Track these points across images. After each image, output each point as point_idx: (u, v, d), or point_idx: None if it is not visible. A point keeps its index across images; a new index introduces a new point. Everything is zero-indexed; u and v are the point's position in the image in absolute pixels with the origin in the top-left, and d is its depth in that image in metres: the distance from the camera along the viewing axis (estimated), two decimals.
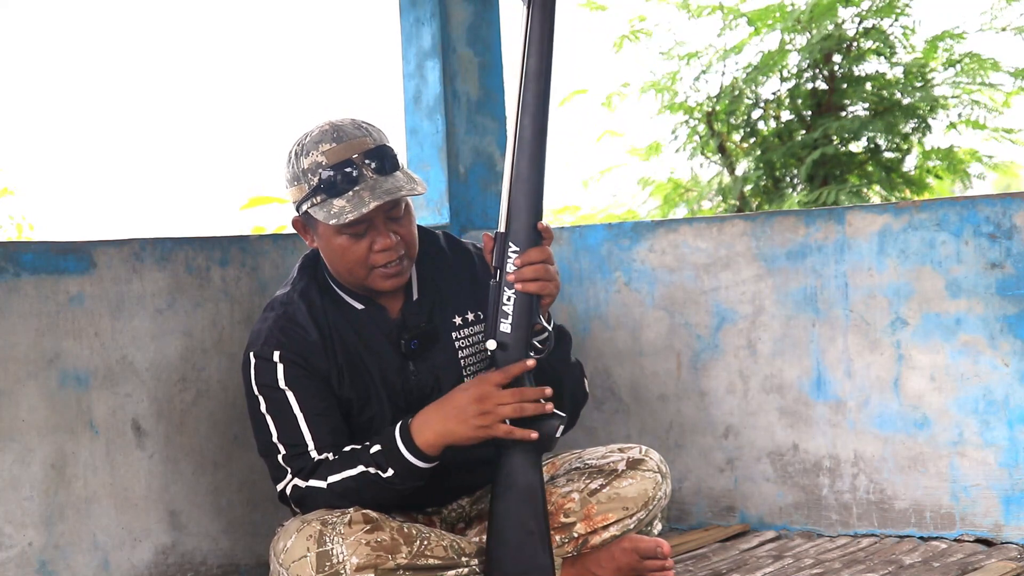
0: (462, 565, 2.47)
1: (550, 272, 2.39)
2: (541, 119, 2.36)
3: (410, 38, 3.69)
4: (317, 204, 2.41)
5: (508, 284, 2.38)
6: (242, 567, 2.94)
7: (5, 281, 2.62)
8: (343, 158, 2.40)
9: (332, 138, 2.42)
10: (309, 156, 2.43)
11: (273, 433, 2.47)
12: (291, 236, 3.12)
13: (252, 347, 2.51)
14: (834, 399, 3.16)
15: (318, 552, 2.35)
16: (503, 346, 2.39)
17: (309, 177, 2.42)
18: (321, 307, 2.53)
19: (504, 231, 2.39)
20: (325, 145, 2.42)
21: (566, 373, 2.54)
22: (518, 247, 2.38)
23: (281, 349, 2.48)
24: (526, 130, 2.36)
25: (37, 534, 2.62)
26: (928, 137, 6.73)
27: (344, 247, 2.45)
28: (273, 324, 2.51)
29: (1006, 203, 2.95)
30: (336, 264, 2.49)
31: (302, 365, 2.48)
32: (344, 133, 2.43)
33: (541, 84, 2.36)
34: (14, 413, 2.60)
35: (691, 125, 6.91)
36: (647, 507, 2.62)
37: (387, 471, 2.40)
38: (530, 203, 2.37)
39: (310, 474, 2.44)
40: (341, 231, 2.43)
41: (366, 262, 2.45)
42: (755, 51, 6.80)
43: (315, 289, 2.55)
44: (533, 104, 2.36)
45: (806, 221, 3.19)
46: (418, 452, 2.39)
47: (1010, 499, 2.95)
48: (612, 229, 3.46)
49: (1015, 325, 2.93)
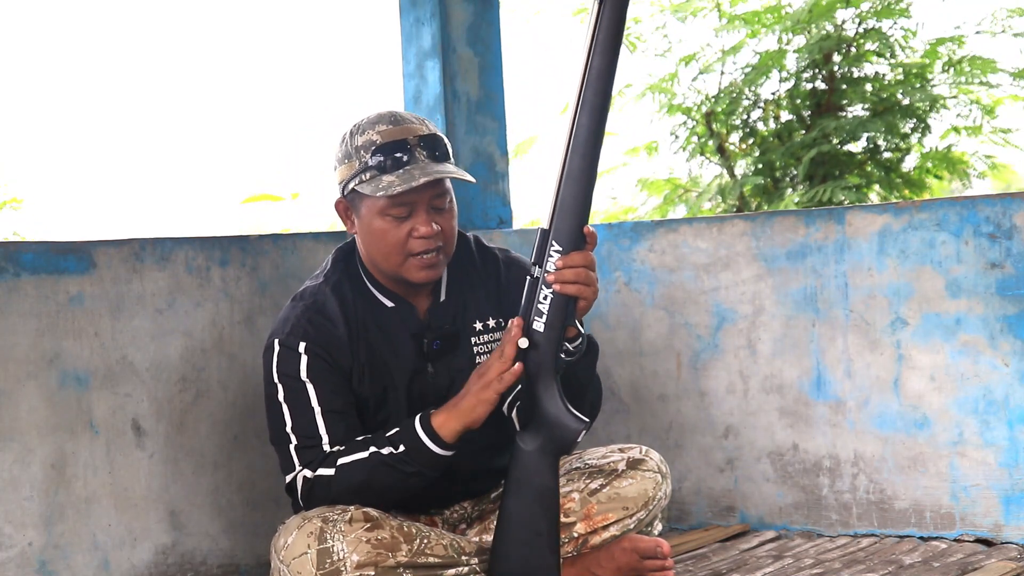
0: (462, 564, 2.47)
1: (591, 277, 2.38)
2: (600, 119, 2.34)
3: (410, 38, 3.69)
4: (366, 180, 2.43)
5: (547, 283, 2.38)
6: (242, 567, 2.94)
7: (5, 281, 2.62)
8: (398, 138, 2.44)
9: (389, 120, 2.47)
10: (364, 135, 2.46)
11: (288, 423, 2.47)
12: (291, 236, 3.12)
13: (278, 334, 2.50)
14: (834, 399, 3.16)
15: (319, 549, 2.35)
16: (535, 344, 2.39)
17: (361, 154, 2.44)
18: (352, 303, 2.53)
19: (548, 228, 2.38)
20: (382, 126, 2.46)
21: (590, 383, 2.55)
22: (561, 246, 2.37)
23: (307, 340, 2.47)
24: (583, 129, 2.34)
25: (37, 534, 2.62)
26: (927, 138, 6.73)
27: (384, 230, 2.45)
28: (302, 314, 2.50)
29: (1006, 203, 2.95)
30: (373, 249, 2.49)
31: (326, 359, 2.47)
32: (401, 118, 2.48)
33: (604, 84, 2.34)
34: (14, 413, 2.60)
35: (690, 127, 6.92)
36: (647, 507, 2.62)
37: (399, 447, 2.40)
38: (578, 203, 2.36)
39: (320, 464, 2.43)
40: (384, 212, 2.44)
41: (404, 248, 2.45)
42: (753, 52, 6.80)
43: (347, 283, 2.55)
44: (593, 103, 2.33)
45: (806, 221, 3.19)
46: (433, 433, 2.40)
47: (1010, 499, 2.95)
48: (612, 229, 3.46)
49: (1015, 325, 2.93)
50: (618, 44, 2.35)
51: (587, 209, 2.38)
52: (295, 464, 2.46)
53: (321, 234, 3.17)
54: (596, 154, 2.36)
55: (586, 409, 2.47)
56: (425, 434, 2.40)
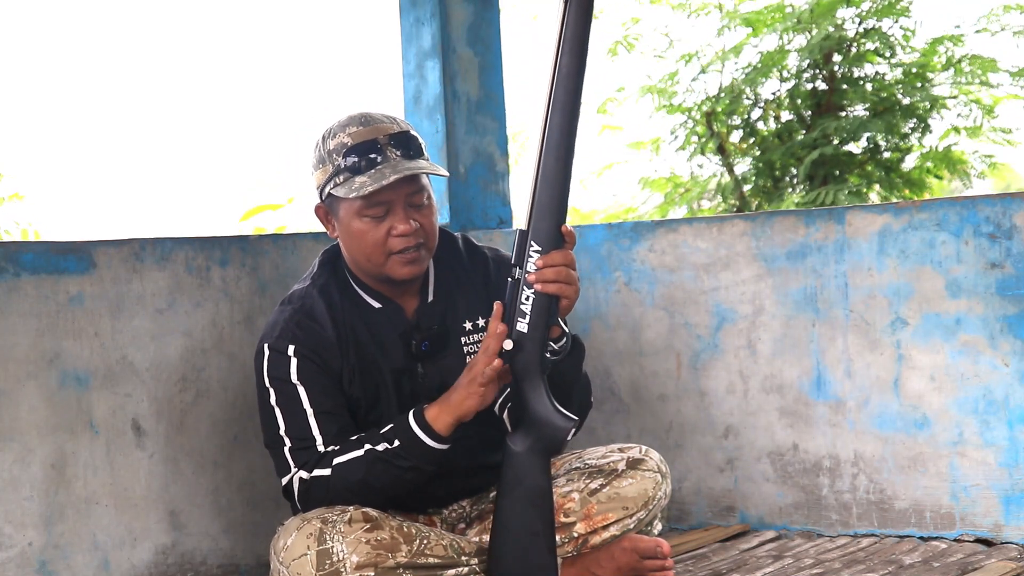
0: (462, 564, 2.47)
1: (571, 276, 2.38)
2: (571, 118, 2.35)
3: (410, 38, 3.69)
4: (340, 184, 2.44)
5: (528, 283, 2.38)
6: (242, 567, 2.94)
7: (5, 281, 2.62)
8: (368, 138, 2.44)
9: (359, 122, 2.47)
10: (335, 138, 2.47)
11: (281, 426, 2.47)
12: (291, 236, 3.12)
13: (267, 338, 2.52)
14: (834, 399, 3.16)
15: (318, 550, 2.35)
16: (519, 345, 2.39)
17: (334, 157, 2.45)
18: (339, 305, 2.53)
19: (526, 229, 2.38)
20: (352, 128, 2.46)
21: (576, 382, 2.55)
22: (540, 246, 2.37)
23: (296, 343, 2.48)
24: (555, 129, 2.35)
25: (37, 534, 2.62)
26: (927, 137, 6.73)
27: (363, 231, 2.46)
28: (290, 317, 2.51)
29: (1006, 203, 2.95)
30: (355, 250, 2.49)
31: (315, 361, 2.48)
32: (371, 118, 2.49)
33: (573, 83, 2.34)
34: (14, 413, 2.60)
35: (690, 126, 6.91)
36: (647, 507, 2.62)
37: (394, 443, 2.40)
38: (555, 203, 2.36)
39: (315, 465, 2.44)
40: (361, 213, 2.45)
41: (384, 247, 2.46)
42: (754, 52, 6.80)
43: (334, 285, 2.56)
44: (564, 102, 2.34)
45: (806, 221, 3.19)
46: (427, 427, 2.40)
47: (1010, 499, 2.95)
48: (612, 229, 3.46)
49: (1015, 325, 2.93)
50: (586, 43, 2.35)
51: (564, 208, 2.38)
52: (291, 466, 2.46)
53: (321, 234, 3.17)
54: (570, 153, 2.36)
55: (574, 408, 2.47)
56: (419, 428, 2.40)
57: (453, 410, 2.41)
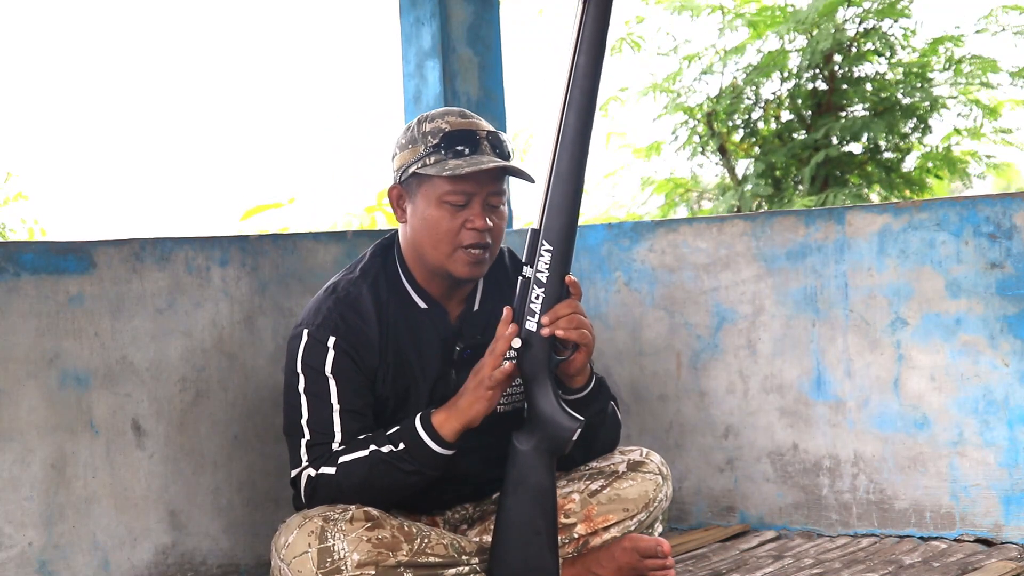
0: (462, 563, 2.47)
1: (583, 322, 2.40)
2: (586, 118, 2.36)
3: (410, 38, 3.69)
4: (431, 163, 2.44)
5: (538, 282, 2.38)
6: (242, 567, 2.94)
7: (5, 281, 2.62)
8: (467, 129, 2.47)
9: (459, 114, 2.50)
10: (432, 122, 2.48)
11: (305, 414, 2.46)
12: (291, 236, 3.12)
13: (307, 324, 2.49)
14: (834, 399, 3.16)
15: (319, 548, 2.35)
16: (527, 344, 2.39)
17: (428, 139, 2.46)
18: (386, 302, 2.52)
19: (538, 228, 2.39)
20: (451, 117, 2.49)
21: (601, 425, 2.57)
22: (551, 245, 2.38)
23: (337, 335, 2.47)
24: (570, 128, 2.36)
25: (37, 534, 2.62)
26: (928, 137, 6.73)
27: (439, 218, 2.45)
28: (334, 306, 2.49)
29: (1006, 203, 2.95)
30: (424, 236, 2.48)
31: (352, 357, 2.47)
32: (470, 114, 2.53)
33: (590, 83, 2.35)
34: (14, 413, 2.60)
35: (691, 126, 6.91)
36: (648, 509, 2.62)
37: (399, 445, 2.40)
38: (568, 202, 2.37)
39: (324, 462, 2.44)
40: (443, 199, 2.44)
41: (455, 238, 2.45)
42: (755, 52, 6.80)
43: (383, 279, 2.54)
44: (580, 102, 2.35)
45: (806, 221, 3.19)
46: (433, 432, 2.40)
47: (1010, 499, 2.95)
48: (612, 229, 3.46)
49: (1015, 325, 2.93)
50: (603, 43, 2.36)
51: (577, 207, 2.39)
52: (302, 460, 2.46)
53: (321, 234, 3.17)
54: (584, 153, 2.37)
55: (595, 449, 2.55)
56: (425, 432, 2.40)
57: (461, 415, 2.41)
